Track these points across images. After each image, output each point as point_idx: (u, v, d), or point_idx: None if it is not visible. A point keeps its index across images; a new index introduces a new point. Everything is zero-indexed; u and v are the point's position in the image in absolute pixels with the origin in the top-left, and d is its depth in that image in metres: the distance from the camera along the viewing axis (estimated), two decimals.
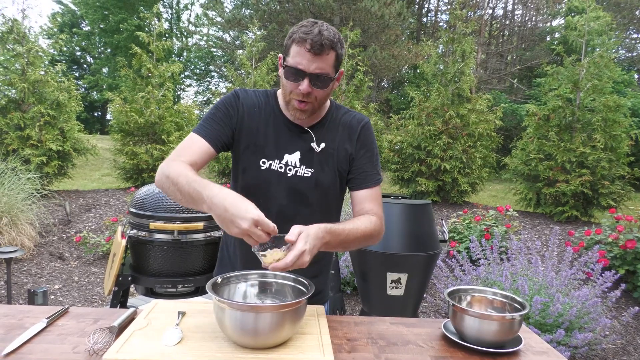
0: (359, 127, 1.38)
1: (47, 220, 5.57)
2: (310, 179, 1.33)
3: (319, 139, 1.35)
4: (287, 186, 1.32)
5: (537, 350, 1.14)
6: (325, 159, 1.34)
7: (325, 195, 1.36)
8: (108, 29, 23.62)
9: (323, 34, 1.17)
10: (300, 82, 1.21)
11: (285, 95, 1.28)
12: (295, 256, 1.01)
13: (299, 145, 1.33)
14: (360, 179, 1.37)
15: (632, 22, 17.44)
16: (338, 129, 1.37)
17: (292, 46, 1.21)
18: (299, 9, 15.93)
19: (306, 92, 1.21)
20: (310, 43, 1.17)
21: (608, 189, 6.22)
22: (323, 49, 1.18)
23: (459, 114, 7.31)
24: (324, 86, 1.23)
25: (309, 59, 1.18)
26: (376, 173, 1.39)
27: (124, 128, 7.80)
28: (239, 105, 1.33)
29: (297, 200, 1.32)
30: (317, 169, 1.33)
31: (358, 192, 1.37)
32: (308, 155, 1.33)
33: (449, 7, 20.97)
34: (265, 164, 1.31)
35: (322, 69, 1.20)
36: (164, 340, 1.02)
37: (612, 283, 3.06)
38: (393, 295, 2.85)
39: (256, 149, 1.32)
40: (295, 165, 1.32)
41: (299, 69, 1.19)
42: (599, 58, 6.52)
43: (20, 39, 7.10)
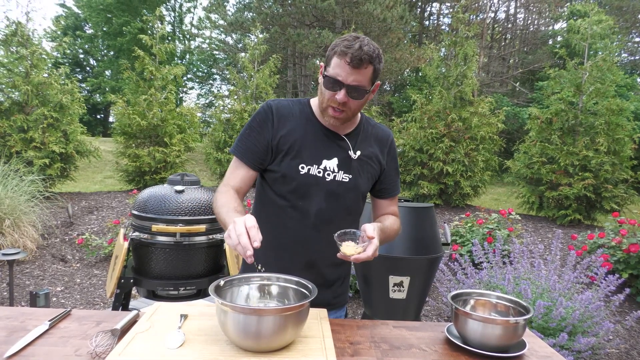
0: (389, 141, 1.50)
1: (49, 222, 5.58)
2: (348, 184, 1.39)
3: (355, 147, 1.41)
4: (327, 190, 1.37)
5: (541, 354, 1.13)
6: (361, 166, 1.41)
7: (360, 199, 1.45)
8: (111, 32, 23.70)
9: (363, 49, 1.22)
10: (338, 92, 1.26)
11: (322, 102, 1.33)
12: (374, 250, 1.15)
13: (336, 151, 1.39)
14: (390, 189, 1.51)
15: (634, 26, 17.42)
16: (370, 140, 1.46)
17: (334, 58, 1.27)
18: (301, 12, 15.96)
19: (342, 102, 1.27)
20: (350, 57, 1.22)
21: (611, 193, 6.20)
22: (362, 63, 1.23)
23: (461, 117, 7.31)
24: (360, 97, 1.28)
25: (347, 71, 1.24)
26: (398, 182, 1.56)
27: (127, 130, 7.82)
28: (273, 117, 1.37)
29: (336, 204, 1.38)
30: (355, 175, 1.40)
31: (385, 200, 1.52)
32: (346, 162, 1.39)
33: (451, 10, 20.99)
34: (304, 168, 1.35)
35: (359, 82, 1.26)
36: (166, 343, 1.01)
37: (615, 287, 3.04)
38: (395, 298, 2.85)
39: (295, 155, 1.36)
40: (334, 171, 1.38)
41: (338, 79, 1.25)
42: (602, 61, 6.51)
43: (24, 41, 7.13)
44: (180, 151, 8.00)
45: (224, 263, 2.53)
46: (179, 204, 2.32)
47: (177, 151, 7.90)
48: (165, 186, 2.45)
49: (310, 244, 1.37)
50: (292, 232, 1.38)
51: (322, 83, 1.31)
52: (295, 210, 1.36)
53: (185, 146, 8.32)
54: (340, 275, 1.50)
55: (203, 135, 10.60)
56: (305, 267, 1.38)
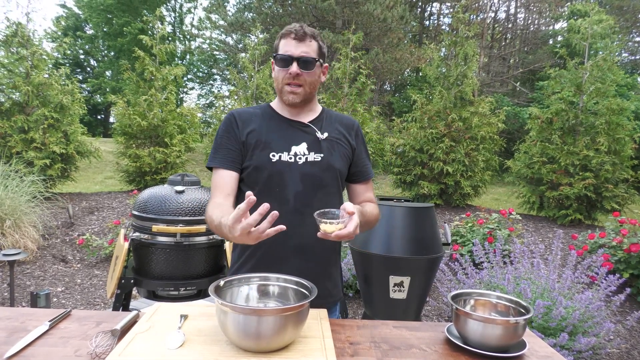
0: (355, 125, 1.56)
1: (50, 222, 5.58)
2: (321, 162, 1.43)
3: (321, 130, 1.48)
4: (301, 173, 1.41)
5: (541, 354, 1.13)
6: (331, 145, 1.47)
7: (336, 178, 1.47)
8: (111, 33, 23.72)
9: (304, 27, 1.40)
10: (290, 67, 1.37)
11: (278, 85, 1.42)
12: (355, 226, 1.15)
13: (303, 137, 1.45)
14: (363, 173, 1.55)
15: (635, 25, 17.41)
16: (335, 124, 1.52)
17: (280, 41, 1.41)
18: (301, 12, 15.96)
19: (295, 74, 1.37)
20: (294, 33, 1.38)
21: (612, 192, 6.20)
22: (306, 35, 1.38)
23: (462, 117, 7.30)
24: (311, 67, 1.39)
25: (294, 45, 1.37)
26: (370, 166, 1.60)
27: (127, 131, 7.81)
28: (237, 122, 1.45)
29: (312, 185, 1.42)
30: (326, 153, 1.44)
31: (360, 185, 1.56)
32: (314, 144, 1.45)
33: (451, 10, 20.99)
34: (275, 156, 1.40)
35: (307, 53, 1.38)
36: (167, 344, 1.01)
37: (616, 287, 3.04)
38: (396, 298, 2.84)
39: (263, 147, 1.41)
40: (304, 154, 1.42)
41: (287, 54, 1.37)
42: (602, 61, 6.51)
43: (24, 42, 7.13)
44: (180, 151, 8.00)
45: (224, 263, 2.53)
46: (180, 204, 2.32)
47: (177, 151, 7.90)
48: (166, 187, 2.45)
49: (296, 229, 1.37)
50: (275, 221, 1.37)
51: (275, 69, 1.42)
52: (273, 199, 1.36)
53: (185, 146, 8.32)
54: (335, 260, 1.52)
55: (203, 135, 10.60)
56: (296, 254, 1.40)
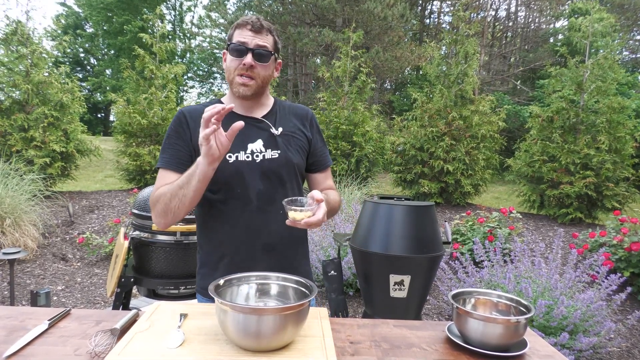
0: (309, 115, 1.53)
1: (50, 221, 5.58)
2: (279, 159, 1.40)
3: (276, 125, 1.44)
4: (260, 171, 1.38)
5: (542, 354, 1.13)
6: (287, 140, 1.44)
7: (295, 173, 1.45)
8: (111, 31, 23.71)
9: (261, 19, 1.37)
10: (244, 57, 1.33)
11: (229, 75, 1.38)
12: (324, 213, 1.16)
13: (258, 133, 1.41)
14: (321, 161, 1.54)
15: (636, 24, 17.38)
16: (289, 116, 1.49)
17: (235, 31, 1.37)
18: (301, 11, 15.95)
19: (249, 65, 1.33)
20: (251, 24, 1.35)
21: (612, 191, 6.19)
22: (262, 28, 1.35)
23: (462, 116, 7.30)
24: (266, 60, 1.35)
25: (250, 36, 1.34)
26: (328, 154, 1.59)
27: (127, 129, 7.81)
28: (186, 120, 1.40)
29: (273, 182, 1.40)
30: (283, 149, 1.41)
31: (319, 174, 1.54)
32: (270, 140, 1.41)
33: (451, 8, 20.96)
34: (231, 157, 1.36)
35: (262, 45, 1.35)
36: (166, 343, 1.01)
37: (617, 286, 3.04)
38: (396, 297, 2.84)
39: None
40: (261, 151, 1.39)
41: (242, 42, 1.33)
42: (603, 59, 6.49)
43: (24, 40, 7.13)
44: None
45: None
46: None
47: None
48: None
49: (261, 227, 1.38)
50: (239, 222, 1.38)
51: (228, 58, 1.38)
52: (236, 200, 1.37)
53: None
54: (303, 252, 1.52)
55: None
56: (264, 252, 1.39)
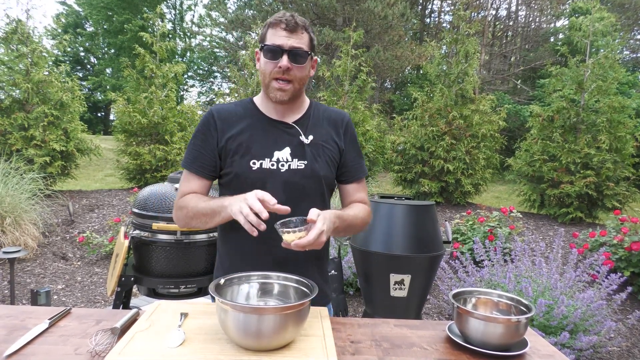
0: (344, 122, 1.44)
1: (50, 220, 5.58)
2: (305, 170, 1.33)
3: (307, 132, 1.37)
4: (283, 181, 1.32)
5: (543, 353, 1.13)
6: (316, 150, 1.36)
7: (320, 186, 1.37)
8: (112, 30, 23.69)
9: (295, 17, 1.29)
10: (280, 60, 1.26)
11: (264, 79, 1.31)
12: (316, 234, 1.09)
13: (287, 140, 1.35)
14: (352, 172, 1.44)
15: (636, 23, 17.36)
16: (323, 123, 1.41)
17: (269, 31, 1.29)
18: (302, 10, 15.93)
19: (285, 68, 1.26)
20: (285, 22, 1.26)
21: (613, 191, 6.19)
22: (297, 26, 1.27)
23: (462, 115, 7.29)
24: (302, 61, 1.28)
25: (285, 36, 1.26)
26: (363, 164, 1.48)
27: (127, 128, 7.81)
28: (216, 122, 1.35)
29: (295, 194, 1.32)
30: (310, 160, 1.34)
31: (350, 185, 1.45)
32: (298, 149, 1.34)
33: (452, 8, 20.95)
34: (255, 164, 1.31)
35: (298, 45, 1.27)
36: (167, 342, 1.01)
37: (617, 285, 3.04)
38: (396, 296, 2.84)
39: (244, 152, 1.32)
40: (287, 160, 1.33)
41: (277, 45, 1.26)
42: (604, 59, 6.49)
43: (24, 39, 7.12)
44: (181, 149, 7.99)
45: None
46: None
47: (177, 149, 7.89)
48: (166, 184, 2.45)
49: (274, 240, 1.24)
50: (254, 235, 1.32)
51: (262, 60, 1.31)
52: None
53: (186, 144, 8.31)
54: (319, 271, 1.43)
55: None
56: (275, 266, 1.29)
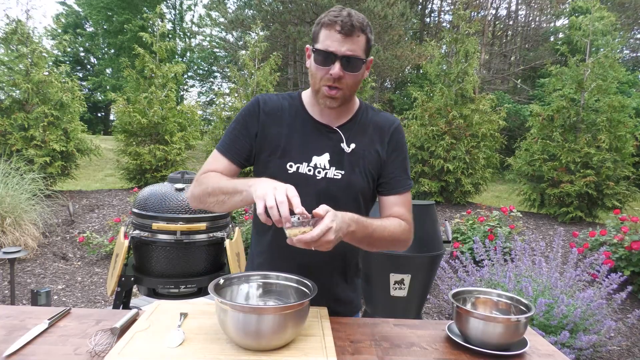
0: (391, 129, 1.33)
1: (50, 220, 5.58)
2: (341, 181, 1.26)
3: (349, 139, 1.28)
4: (317, 189, 1.24)
5: (542, 352, 1.13)
6: (356, 161, 1.28)
7: (356, 198, 1.29)
8: (112, 30, 23.69)
9: (353, 17, 1.16)
10: (331, 66, 1.16)
11: (314, 83, 1.22)
12: (321, 230, 0.98)
13: (327, 146, 1.27)
14: (392, 184, 1.31)
15: (636, 22, 17.36)
16: (368, 129, 1.31)
17: (322, 31, 1.18)
18: (301, 10, 15.92)
19: (337, 76, 1.16)
20: (340, 24, 1.14)
21: (613, 190, 6.19)
22: (353, 29, 1.15)
23: (462, 115, 7.29)
24: (356, 69, 1.18)
25: (339, 40, 1.15)
26: (407, 178, 1.34)
27: (127, 128, 7.81)
28: (259, 113, 1.28)
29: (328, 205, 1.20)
30: (347, 171, 1.26)
31: (388, 198, 1.32)
32: (338, 157, 1.27)
33: (452, 7, 20.94)
34: (292, 167, 1.25)
35: (353, 51, 1.16)
36: (166, 342, 1.01)
37: (617, 285, 3.04)
38: (396, 296, 2.84)
39: (282, 153, 1.26)
40: (325, 168, 1.26)
41: (330, 51, 1.15)
42: (604, 58, 6.48)
43: (24, 39, 7.12)
44: (181, 149, 8.00)
45: (224, 261, 2.53)
46: (180, 202, 2.32)
47: (177, 149, 7.90)
48: (166, 184, 2.45)
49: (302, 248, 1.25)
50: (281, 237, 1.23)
51: (312, 62, 1.21)
52: None
53: (186, 144, 8.31)
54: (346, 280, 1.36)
55: (204, 133, 10.58)
56: (300, 272, 1.22)
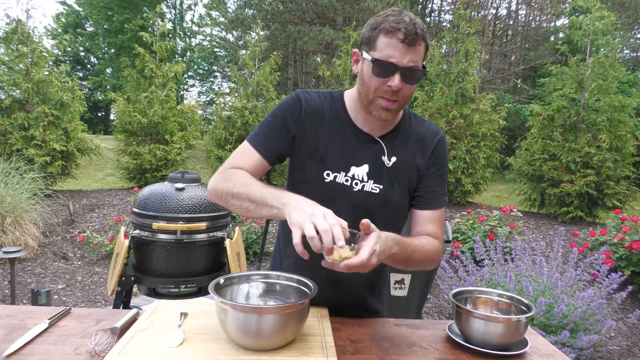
0: (435, 141, 1.26)
1: (50, 220, 5.58)
2: (378, 195, 1.20)
3: (390, 152, 1.22)
4: (353, 202, 1.19)
5: (543, 352, 1.12)
6: (395, 175, 1.22)
7: (393, 213, 1.24)
8: (112, 30, 23.68)
9: (416, 23, 1.06)
10: (391, 78, 1.08)
11: (368, 93, 1.13)
12: (370, 252, 0.92)
13: (367, 157, 1.20)
14: (428, 199, 1.25)
15: (636, 22, 17.35)
16: (411, 140, 1.24)
17: (380, 37, 1.07)
18: (302, 9, 15.93)
19: (397, 89, 1.08)
20: (404, 33, 1.04)
21: (613, 190, 6.18)
22: (417, 38, 1.06)
23: (463, 114, 7.29)
24: (415, 81, 1.10)
25: (401, 51, 1.05)
26: (443, 194, 1.28)
27: (127, 128, 7.82)
28: (300, 111, 1.20)
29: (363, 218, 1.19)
30: (386, 185, 1.21)
31: (422, 212, 1.26)
32: (377, 169, 1.20)
33: (452, 7, 20.92)
34: (329, 176, 1.19)
35: (415, 62, 1.08)
36: (166, 342, 1.01)
37: (617, 285, 3.04)
38: (396, 296, 2.84)
39: (320, 159, 1.19)
40: (363, 180, 1.19)
41: (391, 62, 1.06)
42: (604, 58, 6.48)
43: (24, 39, 7.12)
44: (181, 149, 8.00)
45: (224, 261, 2.53)
46: (180, 201, 2.32)
47: (178, 149, 7.90)
48: (166, 184, 2.44)
49: None
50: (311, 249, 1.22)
51: (366, 70, 1.11)
52: None
53: (186, 144, 8.32)
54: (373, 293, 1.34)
55: (204, 132, 10.60)
56: (328, 284, 1.20)
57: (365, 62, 1.12)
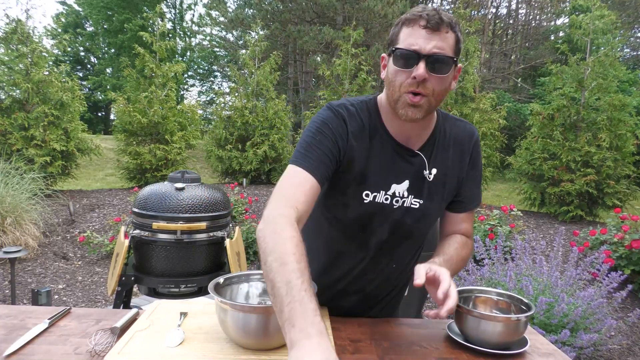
0: (471, 143, 1.20)
1: (51, 220, 5.58)
2: (417, 210, 1.16)
3: (431, 164, 1.15)
4: (392, 219, 1.15)
5: (543, 351, 1.12)
6: (435, 188, 1.16)
7: (427, 225, 1.23)
8: (112, 29, 23.69)
9: (439, 12, 0.99)
10: (415, 67, 0.98)
11: (394, 92, 1.04)
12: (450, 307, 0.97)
13: (408, 172, 1.13)
14: (466, 203, 1.24)
15: (637, 21, 17.35)
16: (449, 148, 1.18)
17: (402, 29, 1.01)
18: (302, 9, 15.92)
19: (422, 78, 0.98)
20: (425, 19, 0.97)
21: (613, 189, 6.18)
22: (441, 24, 0.97)
23: (463, 114, 7.29)
24: (443, 71, 1.00)
25: (424, 37, 0.97)
26: (479, 193, 1.26)
27: (128, 128, 7.82)
28: (348, 133, 1.09)
29: (400, 234, 1.17)
30: (426, 200, 1.16)
31: (458, 214, 1.25)
32: (418, 184, 1.14)
33: (452, 6, 20.91)
34: (368, 196, 1.12)
35: (440, 48, 0.97)
36: (166, 342, 1.01)
37: (618, 284, 3.03)
38: None
39: (360, 180, 1.12)
40: (403, 196, 1.14)
41: (413, 50, 0.97)
42: (604, 57, 6.48)
43: (24, 39, 7.12)
44: (181, 148, 8.00)
45: (224, 261, 2.53)
46: (180, 201, 2.32)
47: (178, 148, 7.90)
48: (166, 184, 2.44)
49: (366, 275, 1.23)
50: (346, 265, 1.21)
51: (390, 67, 1.04)
52: (352, 242, 1.18)
53: (186, 143, 8.32)
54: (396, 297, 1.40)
55: (204, 132, 10.60)
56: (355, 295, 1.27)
57: (389, 60, 1.05)
